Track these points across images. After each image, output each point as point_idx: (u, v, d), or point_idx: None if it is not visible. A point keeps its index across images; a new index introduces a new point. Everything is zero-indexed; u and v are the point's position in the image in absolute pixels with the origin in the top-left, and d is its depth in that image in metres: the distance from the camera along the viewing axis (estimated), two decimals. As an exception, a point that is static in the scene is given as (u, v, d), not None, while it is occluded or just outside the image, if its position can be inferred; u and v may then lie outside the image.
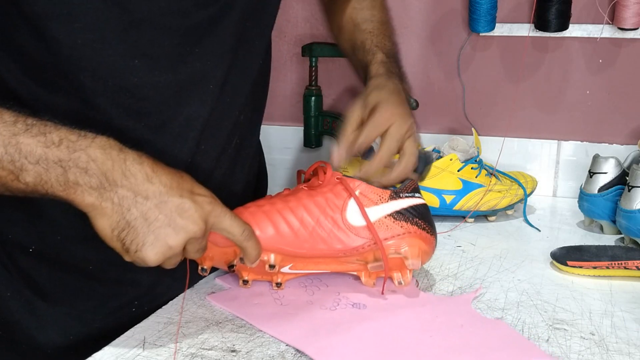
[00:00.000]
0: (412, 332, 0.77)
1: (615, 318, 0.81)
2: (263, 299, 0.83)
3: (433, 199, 1.14)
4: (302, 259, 0.83)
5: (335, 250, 0.83)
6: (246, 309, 0.81)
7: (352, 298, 0.84)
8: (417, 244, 0.84)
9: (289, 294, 0.85)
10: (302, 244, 0.82)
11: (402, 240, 0.83)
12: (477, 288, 0.88)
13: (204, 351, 0.73)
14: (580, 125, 1.33)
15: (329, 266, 0.85)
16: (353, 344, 0.73)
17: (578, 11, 1.26)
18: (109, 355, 0.72)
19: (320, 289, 0.86)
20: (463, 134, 1.36)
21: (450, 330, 0.77)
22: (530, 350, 0.73)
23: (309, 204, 0.83)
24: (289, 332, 0.75)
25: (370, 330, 0.77)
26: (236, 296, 0.84)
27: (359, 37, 1.02)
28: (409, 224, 0.84)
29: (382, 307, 0.82)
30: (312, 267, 0.85)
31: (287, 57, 1.45)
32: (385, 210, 0.83)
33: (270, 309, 0.81)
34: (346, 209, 0.83)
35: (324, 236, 0.82)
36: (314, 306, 0.82)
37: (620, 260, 0.91)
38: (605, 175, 1.09)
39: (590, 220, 1.14)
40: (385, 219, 0.83)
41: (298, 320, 0.78)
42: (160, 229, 0.69)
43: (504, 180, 1.19)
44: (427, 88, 1.38)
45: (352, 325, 0.77)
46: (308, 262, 0.84)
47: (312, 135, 1.42)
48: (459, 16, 1.34)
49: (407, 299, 0.85)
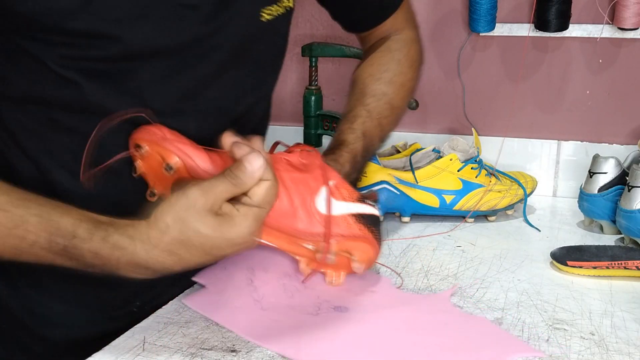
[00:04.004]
0: (399, 332, 0.76)
1: (615, 318, 0.81)
2: (241, 301, 0.82)
3: (433, 199, 1.14)
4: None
5: (296, 230, 0.81)
6: (227, 315, 0.79)
7: (333, 301, 0.83)
8: (367, 251, 0.84)
9: (269, 295, 0.83)
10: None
11: (357, 242, 0.83)
12: (454, 285, 0.89)
13: (204, 351, 0.73)
14: (580, 125, 1.33)
15: (278, 241, 0.81)
16: (344, 350, 0.73)
17: (578, 11, 1.26)
18: (109, 355, 0.72)
19: (300, 291, 0.85)
20: (463, 134, 1.36)
21: (436, 329, 0.77)
22: (516, 345, 0.74)
23: (286, 178, 0.81)
24: (277, 340, 0.74)
25: (358, 334, 0.76)
26: (213, 299, 0.82)
27: (354, 110, 0.95)
28: (366, 230, 0.84)
29: (364, 309, 0.81)
30: (264, 237, 0.81)
31: (287, 57, 1.45)
32: (351, 208, 0.83)
33: (252, 315, 0.79)
34: (318, 195, 0.82)
35: (290, 212, 0.80)
36: (296, 311, 0.80)
37: (620, 260, 0.91)
38: (605, 175, 1.09)
39: (590, 220, 1.14)
40: (349, 217, 0.83)
41: (283, 327, 0.77)
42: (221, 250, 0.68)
43: (504, 180, 1.19)
44: (427, 88, 1.38)
45: (338, 330, 0.77)
46: (263, 231, 0.80)
47: (312, 135, 1.42)
48: (459, 16, 1.34)
49: (387, 298, 0.85)
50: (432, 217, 1.17)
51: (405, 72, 1.02)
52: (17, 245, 0.68)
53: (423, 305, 0.83)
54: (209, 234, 0.66)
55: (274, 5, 0.84)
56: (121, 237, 0.67)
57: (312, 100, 1.40)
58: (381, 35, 1.04)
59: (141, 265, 0.68)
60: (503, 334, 0.77)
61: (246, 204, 0.67)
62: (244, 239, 0.68)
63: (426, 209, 1.15)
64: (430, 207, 1.15)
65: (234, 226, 0.66)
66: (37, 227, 0.67)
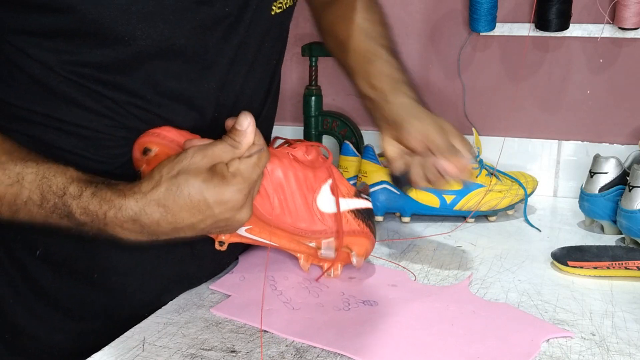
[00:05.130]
0: (433, 323, 0.79)
1: (616, 318, 0.81)
2: (271, 305, 0.82)
3: (433, 199, 1.14)
4: (262, 224, 0.83)
5: (298, 228, 0.84)
6: (260, 317, 0.79)
7: (359, 296, 0.85)
8: (365, 245, 0.88)
9: (295, 296, 0.84)
10: (271, 209, 0.82)
11: (356, 237, 0.86)
12: (469, 275, 0.92)
13: (204, 351, 0.73)
14: (581, 125, 1.33)
15: (281, 240, 0.86)
16: (385, 340, 0.75)
17: (578, 11, 1.26)
18: (109, 355, 0.72)
19: (323, 290, 0.87)
20: (463, 134, 1.35)
21: (466, 317, 0.80)
22: (546, 327, 0.78)
23: (289, 175, 0.83)
24: (319, 336, 0.75)
25: (395, 326, 0.78)
26: (243, 306, 0.82)
27: (368, 49, 0.99)
28: (363, 224, 0.87)
29: (391, 302, 0.84)
30: (266, 237, 0.85)
31: (287, 57, 1.45)
32: (349, 205, 0.87)
33: (286, 316, 0.80)
34: (319, 193, 0.85)
35: (292, 211, 0.83)
36: (327, 308, 0.82)
37: (621, 261, 0.91)
38: (606, 175, 1.09)
39: (591, 221, 1.13)
40: (348, 214, 0.86)
41: (320, 324, 0.78)
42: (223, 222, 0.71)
43: (505, 180, 1.19)
44: (427, 88, 1.38)
45: (374, 322, 0.78)
46: (265, 230, 0.84)
47: (312, 135, 1.42)
48: (459, 16, 1.34)
49: (409, 291, 0.87)
50: (432, 217, 1.17)
51: (378, 12, 1.05)
52: (13, 202, 0.70)
53: (446, 295, 0.86)
54: (200, 186, 0.68)
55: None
56: (110, 191, 0.69)
57: (312, 100, 1.40)
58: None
59: (129, 218, 0.69)
60: (531, 317, 0.80)
61: (238, 165, 0.70)
62: (233, 200, 0.70)
63: (426, 209, 1.15)
64: (430, 207, 1.15)
65: (225, 184, 0.69)
66: (32, 184, 0.70)
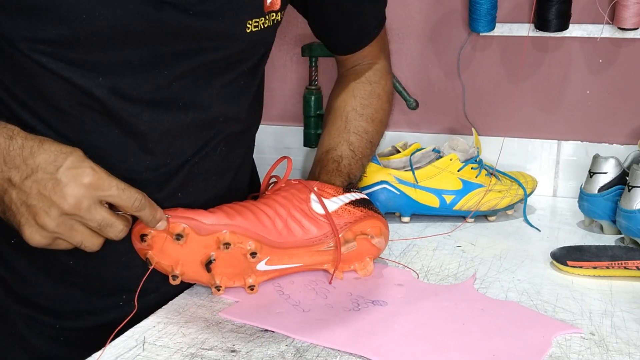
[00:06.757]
0: (445, 321, 0.79)
1: (615, 318, 0.81)
2: (281, 308, 0.82)
3: (433, 199, 1.14)
4: (278, 250, 0.84)
5: (312, 238, 0.86)
6: (272, 320, 0.79)
7: (367, 296, 0.85)
8: (378, 225, 0.90)
9: (304, 299, 0.84)
10: (279, 232, 0.84)
11: (365, 221, 0.89)
12: (474, 273, 0.92)
13: (204, 351, 0.73)
14: (581, 125, 1.33)
15: (302, 259, 0.87)
16: (400, 340, 0.75)
17: (578, 11, 1.26)
18: (109, 355, 0.72)
19: (330, 291, 0.87)
20: (463, 134, 1.36)
21: (477, 315, 0.80)
22: (556, 325, 0.79)
23: (279, 199, 0.87)
24: (332, 337, 0.75)
25: (408, 326, 0.78)
26: (252, 308, 0.82)
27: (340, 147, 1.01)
28: (366, 209, 0.91)
29: (401, 302, 0.84)
30: (287, 261, 0.86)
31: (287, 57, 1.45)
32: (343, 200, 0.91)
33: (297, 318, 0.80)
34: (310, 201, 0.88)
35: (298, 225, 0.86)
36: (336, 309, 0.82)
37: (621, 260, 0.91)
38: (605, 175, 1.09)
39: (591, 220, 1.14)
40: (346, 207, 0.90)
41: (333, 325, 0.78)
42: (31, 208, 0.69)
43: (504, 180, 1.19)
44: (427, 88, 1.38)
45: (387, 322, 0.79)
46: (283, 255, 0.85)
47: (312, 135, 1.42)
48: (459, 16, 1.34)
49: (416, 290, 0.88)
50: (432, 217, 1.17)
51: (384, 108, 1.07)
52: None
53: (452, 294, 0.86)
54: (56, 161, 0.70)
55: (261, 17, 0.85)
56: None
57: (312, 100, 1.40)
58: (358, 61, 1.09)
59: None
60: (539, 315, 0.81)
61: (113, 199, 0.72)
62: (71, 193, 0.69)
63: (426, 209, 1.15)
64: (430, 207, 1.15)
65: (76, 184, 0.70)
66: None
